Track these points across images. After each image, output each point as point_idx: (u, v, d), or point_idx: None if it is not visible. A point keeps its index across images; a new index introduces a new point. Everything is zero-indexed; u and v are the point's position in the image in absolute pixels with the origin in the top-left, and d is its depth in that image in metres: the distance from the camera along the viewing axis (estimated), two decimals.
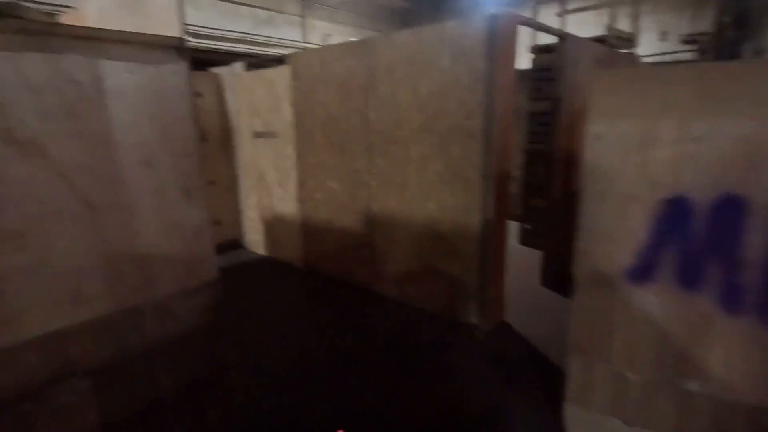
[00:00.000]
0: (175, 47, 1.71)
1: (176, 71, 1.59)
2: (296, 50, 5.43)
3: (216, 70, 4.99)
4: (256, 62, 4.72)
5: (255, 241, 5.16)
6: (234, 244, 5.34)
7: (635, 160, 1.61)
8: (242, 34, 8.75)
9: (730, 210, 1.48)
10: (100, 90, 1.27)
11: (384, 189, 3.47)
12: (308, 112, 3.95)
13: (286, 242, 4.66)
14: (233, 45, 8.34)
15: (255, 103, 4.53)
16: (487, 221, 2.84)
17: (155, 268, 1.37)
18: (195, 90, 4.87)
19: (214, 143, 4.97)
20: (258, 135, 4.62)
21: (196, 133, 1.66)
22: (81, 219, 1.22)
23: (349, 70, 3.48)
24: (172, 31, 2.13)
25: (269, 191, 4.70)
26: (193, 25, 7.82)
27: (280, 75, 4.12)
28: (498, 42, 2.61)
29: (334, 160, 3.83)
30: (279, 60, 4.25)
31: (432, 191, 3.12)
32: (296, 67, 3.94)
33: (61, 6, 4.78)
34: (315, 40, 10.09)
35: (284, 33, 9.62)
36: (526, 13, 4.99)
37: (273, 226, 4.79)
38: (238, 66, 4.71)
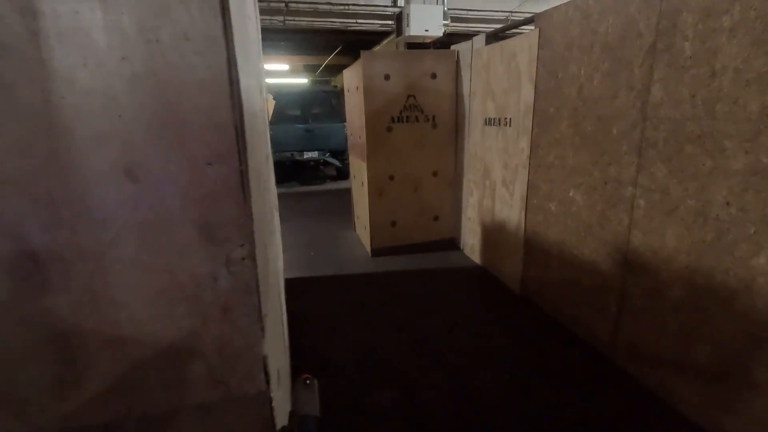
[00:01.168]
0: None
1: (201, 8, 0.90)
2: None
3: (456, 46, 4.40)
4: (499, 33, 3.86)
5: (470, 245, 4.46)
6: (449, 244, 4.79)
7: None
8: (507, 13, 7.94)
9: None
10: (34, 32, 0.70)
11: (659, 215, 2.13)
12: (554, 92, 2.87)
13: (504, 256, 3.76)
14: (495, 26, 7.66)
15: (491, 82, 3.71)
16: None
17: (141, 372, 0.69)
18: (431, 71, 4.48)
19: (443, 130, 4.45)
20: (489, 122, 3.81)
21: (261, 129, 1.01)
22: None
23: (627, 24, 2.23)
24: None
25: (492, 191, 3.86)
26: (455, 9, 7.51)
27: (524, 45, 3.15)
28: None
29: (581, 161, 2.67)
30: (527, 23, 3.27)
31: (766, 236, 1.65)
32: (546, 30, 2.89)
33: None
34: None
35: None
36: None
37: (491, 233, 3.96)
38: (478, 39, 3.97)
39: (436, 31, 7.15)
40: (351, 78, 4.70)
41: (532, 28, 3.07)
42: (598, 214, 2.55)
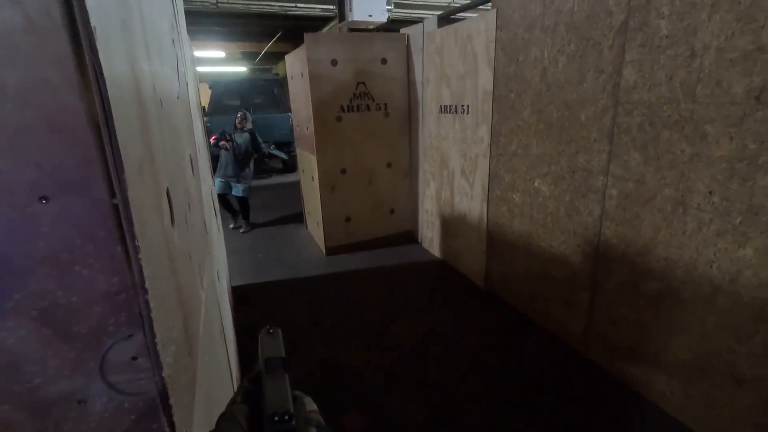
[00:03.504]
0: None
1: None
2: None
3: (406, 29, 4.14)
4: (451, 14, 3.65)
5: (429, 238, 4.28)
6: (407, 238, 4.59)
7: None
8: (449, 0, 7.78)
9: None
10: None
11: (634, 205, 2.02)
12: (514, 76, 2.70)
13: (466, 250, 3.61)
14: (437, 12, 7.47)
15: (445, 67, 3.50)
16: None
17: None
18: (380, 56, 4.20)
19: (396, 119, 4.20)
20: (444, 110, 3.61)
21: (181, 124, 0.74)
22: None
23: (594, 1, 2.08)
24: None
25: (451, 182, 3.68)
26: None
27: (480, 26, 2.95)
28: None
29: (546, 149, 2.53)
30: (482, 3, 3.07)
31: (755, 227, 1.56)
32: (504, 10, 2.71)
33: None
34: None
35: None
36: None
37: (451, 226, 3.79)
38: (430, 22, 3.73)
39: (380, 16, 6.85)
40: (294, 64, 4.31)
41: (489, 8, 2.88)
42: (567, 204, 2.43)
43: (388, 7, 7.03)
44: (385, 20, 6.99)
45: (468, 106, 3.25)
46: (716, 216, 1.67)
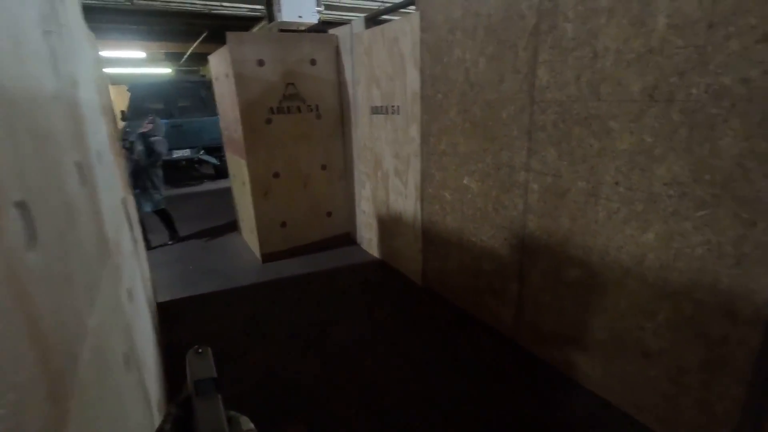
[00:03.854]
0: None
1: None
2: None
3: (334, 30, 4.10)
4: (377, 16, 3.67)
5: (367, 239, 4.28)
6: (345, 240, 4.55)
7: None
8: (379, 3, 7.83)
9: None
10: None
11: (552, 198, 2.14)
12: (440, 77, 2.76)
13: (402, 248, 3.64)
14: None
15: (374, 68, 3.51)
16: None
17: None
18: (309, 57, 4.12)
19: (329, 120, 4.14)
20: (376, 110, 3.62)
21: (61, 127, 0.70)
22: None
23: (509, 5, 2.17)
24: None
25: (385, 182, 3.70)
26: None
27: (406, 28, 2.99)
28: None
29: (473, 147, 2.61)
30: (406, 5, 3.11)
31: (655, 213, 1.71)
32: (427, 13, 2.76)
33: None
34: None
35: None
36: None
37: (388, 225, 3.81)
38: (357, 23, 3.73)
39: (311, 17, 6.76)
40: (218, 64, 4.11)
41: (414, 10, 2.92)
42: (494, 200, 2.53)
43: (318, 8, 6.95)
44: (316, 21, 6.90)
45: (398, 106, 3.28)
46: (622, 205, 1.81)
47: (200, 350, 0.47)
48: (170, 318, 3.13)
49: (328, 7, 7.46)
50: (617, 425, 1.98)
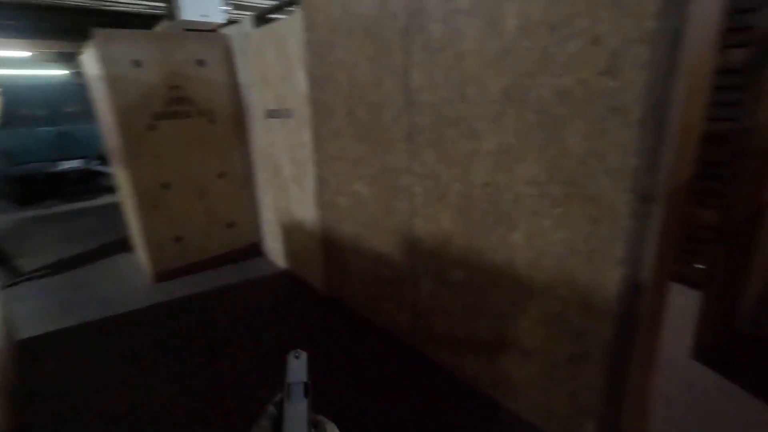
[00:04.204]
0: None
1: None
2: None
3: (225, 30, 3.85)
4: (265, 14, 3.49)
5: (274, 250, 4.07)
6: (252, 251, 4.30)
7: None
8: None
9: None
10: None
11: (434, 201, 2.12)
12: (326, 79, 2.66)
13: (306, 258, 3.49)
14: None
15: (266, 69, 3.33)
16: (637, 285, 1.41)
17: None
18: (196, 57, 3.83)
19: (224, 125, 3.88)
20: (271, 114, 3.44)
21: None
22: None
23: (381, 5, 2.12)
24: None
25: (285, 189, 3.53)
26: None
27: (291, 27, 2.86)
28: None
29: (361, 151, 2.53)
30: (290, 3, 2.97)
31: (520, 213, 1.72)
32: (309, 12, 2.64)
33: None
34: None
35: None
36: None
37: (291, 234, 3.64)
38: (246, 22, 3.52)
39: (218, 17, 6.38)
40: (89, 64, 3.68)
41: (299, 8, 2.79)
42: (383, 204, 2.47)
43: (225, 7, 6.57)
44: (224, 21, 6.52)
45: (291, 109, 3.13)
46: (492, 206, 1.82)
47: (297, 354, 0.48)
48: (30, 358, 2.71)
49: (238, 6, 7.10)
50: (504, 425, 1.98)
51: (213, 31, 4.01)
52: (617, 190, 1.38)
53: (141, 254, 4.00)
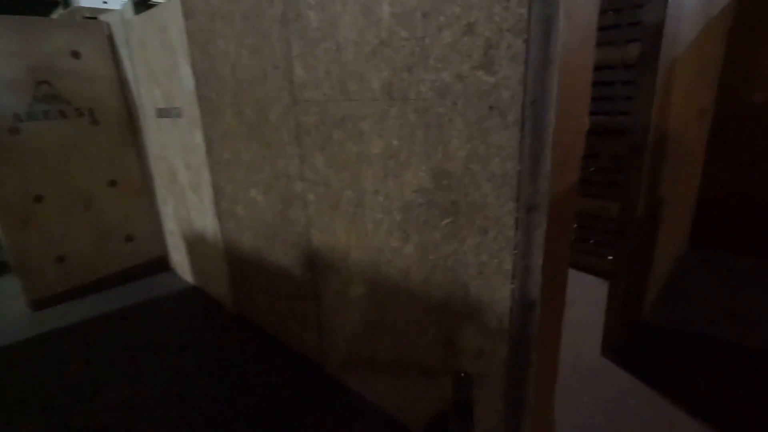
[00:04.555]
0: None
1: None
2: None
3: (104, 16, 3.38)
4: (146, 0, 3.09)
5: (180, 264, 3.67)
6: (158, 266, 3.86)
7: None
8: None
9: None
10: None
11: (328, 210, 1.90)
12: (210, 73, 2.35)
13: (212, 272, 3.16)
14: None
15: (151, 62, 2.93)
16: (527, 302, 1.28)
17: None
18: (69, 48, 3.34)
19: (110, 126, 3.41)
20: (161, 113, 3.05)
21: None
22: None
23: None
24: None
25: (183, 197, 3.17)
26: None
27: (170, 14, 2.50)
28: None
29: (253, 155, 2.26)
30: None
31: (411, 224, 1.55)
32: None
33: None
34: None
35: None
36: None
37: (195, 246, 3.28)
38: (127, 8, 3.09)
39: (119, 3, 5.73)
40: None
41: None
42: (280, 214, 2.22)
43: None
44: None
45: (179, 108, 2.78)
46: (384, 215, 1.64)
47: (463, 374, 0.46)
48: None
49: None
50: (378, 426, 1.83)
51: (94, 18, 3.51)
52: (501, 198, 1.24)
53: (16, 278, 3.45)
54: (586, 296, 2.97)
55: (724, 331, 2.49)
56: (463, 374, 0.47)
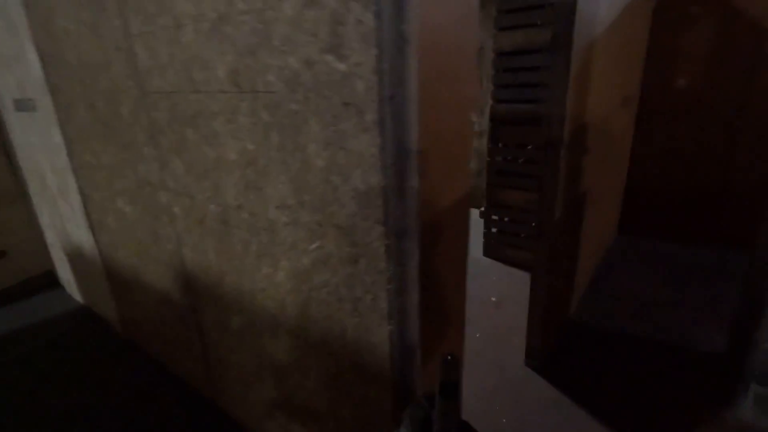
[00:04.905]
0: None
1: None
2: None
3: None
4: None
5: (68, 280, 3.18)
6: (44, 282, 3.33)
7: None
8: None
9: None
10: None
11: (195, 226, 1.56)
12: (55, 56, 1.91)
13: (98, 291, 2.71)
14: None
15: (0, 44, 2.41)
16: (405, 347, 1.02)
17: None
18: None
19: None
20: (18, 106, 2.53)
21: None
22: None
23: None
24: None
25: (55, 206, 2.68)
26: None
27: None
28: None
29: (114, 158, 1.86)
30: None
31: (278, 246, 1.26)
32: None
33: None
34: None
35: None
36: None
37: (77, 261, 2.81)
38: None
39: None
40: None
41: None
42: (149, 228, 1.85)
43: None
44: None
45: (33, 100, 2.29)
46: (251, 235, 1.33)
47: (450, 356, 0.49)
48: None
49: None
50: None
51: None
52: (368, 220, 0.96)
53: None
54: (516, 296, 2.83)
55: (644, 326, 2.42)
56: (449, 356, 0.44)
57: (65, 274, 3.18)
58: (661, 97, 3.33)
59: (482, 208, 3.37)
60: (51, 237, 3.07)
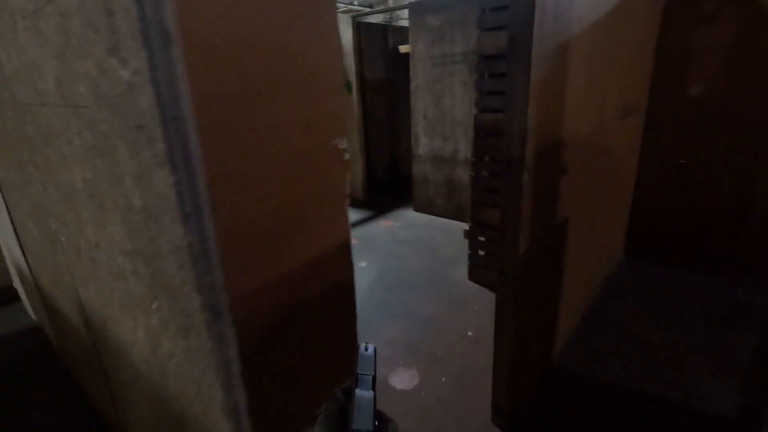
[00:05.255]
0: None
1: None
2: None
3: None
4: None
5: (25, 297, 3.02)
6: (5, 297, 3.19)
7: None
8: None
9: None
10: None
11: (76, 258, 1.33)
12: None
13: (40, 311, 2.53)
14: None
15: None
16: None
17: None
18: None
19: None
20: None
21: None
22: None
23: None
24: None
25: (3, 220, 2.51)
26: None
27: None
28: None
29: (14, 174, 1.66)
30: None
31: (129, 296, 1.00)
32: None
33: None
34: None
35: None
36: None
37: (22, 278, 2.64)
38: None
39: None
40: None
41: None
42: (48, 253, 1.63)
43: None
44: None
45: None
46: (114, 278, 1.07)
47: (367, 347, 0.50)
48: None
49: None
50: None
51: None
52: (187, 285, 0.70)
53: None
54: (490, 328, 2.51)
55: (641, 376, 2.07)
56: (366, 347, 0.45)
57: (20, 287, 3.03)
58: (673, 106, 2.96)
59: (466, 228, 3.06)
60: (4, 250, 2.92)
